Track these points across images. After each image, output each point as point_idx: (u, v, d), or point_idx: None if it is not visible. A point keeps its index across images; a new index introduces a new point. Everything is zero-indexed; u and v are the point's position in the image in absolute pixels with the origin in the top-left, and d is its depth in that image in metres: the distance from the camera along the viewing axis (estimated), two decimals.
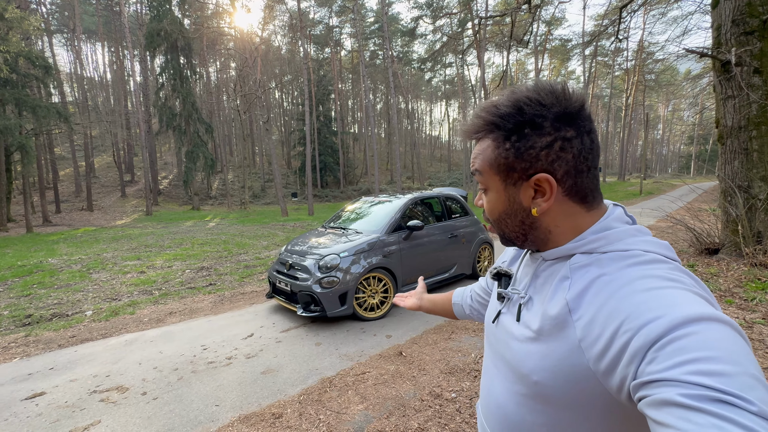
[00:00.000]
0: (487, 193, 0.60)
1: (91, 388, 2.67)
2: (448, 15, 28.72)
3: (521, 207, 0.57)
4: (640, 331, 0.40)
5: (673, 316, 0.39)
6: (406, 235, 4.34)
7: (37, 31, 16.24)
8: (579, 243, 0.54)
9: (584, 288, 0.50)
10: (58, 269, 7.89)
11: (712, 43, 5.45)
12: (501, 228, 0.60)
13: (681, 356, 0.36)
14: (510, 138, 0.55)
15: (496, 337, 0.65)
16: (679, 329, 0.38)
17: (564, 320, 0.50)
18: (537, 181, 0.55)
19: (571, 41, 37.19)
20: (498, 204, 0.59)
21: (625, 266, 0.49)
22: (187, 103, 25.42)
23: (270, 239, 11.16)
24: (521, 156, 0.55)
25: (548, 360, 0.51)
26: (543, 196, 0.55)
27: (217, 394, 2.53)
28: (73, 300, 5.54)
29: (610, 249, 0.52)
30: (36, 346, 3.53)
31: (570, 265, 0.54)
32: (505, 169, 0.56)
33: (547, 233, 0.57)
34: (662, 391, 0.36)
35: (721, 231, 5.57)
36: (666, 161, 70.86)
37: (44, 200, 20.47)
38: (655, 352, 0.38)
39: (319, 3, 34.32)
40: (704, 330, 0.37)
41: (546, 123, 0.53)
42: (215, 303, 4.84)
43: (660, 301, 0.41)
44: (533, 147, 0.54)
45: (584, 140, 0.54)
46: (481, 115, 0.57)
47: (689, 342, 0.37)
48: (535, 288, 0.59)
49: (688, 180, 32.09)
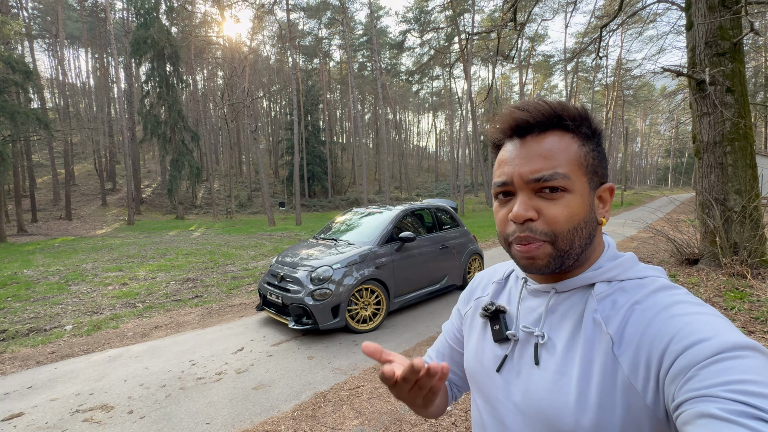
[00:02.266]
0: (560, 199, 0.50)
1: (73, 407, 2.55)
2: (435, 29, 29.39)
3: (593, 216, 0.52)
4: (688, 351, 0.40)
5: (722, 339, 0.39)
6: (399, 246, 4.35)
7: (18, 35, 15.87)
8: (598, 272, 0.52)
9: (623, 318, 0.47)
10: (35, 281, 7.59)
11: (687, 63, 5.74)
12: (572, 240, 0.50)
13: (725, 376, 0.36)
14: (592, 139, 0.53)
15: (505, 388, 0.56)
16: (726, 353, 0.38)
17: (609, 358, 0.46)
18: (604, 190, 0.54)
19: (553, 57, 38.54)
20: (581, 210, 0.50)
21: (650, 293, 0.48)
22: (173, 111, 25.09)
23: (257, 249, 11.00)
24: (602, 161, 0.53)
25: (602, 411, 0.45)
26: (605, 206, 0.54)
27: (208, 412, 2.46)
28: (51, 314, 5.32)
29: (627, 277, 0.51)
30: (12, 364, 3.37)
31: (596, 296, 0.50)
32: (592, 170, 0.52)
33: (592, 251, 0.54)
34: (701, 405, 0.36)
35: (700, 242, 5.78)
36: (645, 173, 73.38)
37: (20, 209, 19.70)
38: (698, 371, 0.38)
39: (308, 15, 34.66)
40: (750, 356, 0.37)
41: (602, 139, 0.54)
42: (203, 316, 4.72)
43: (705, 326, 0.41)
44: (604, 157, 0.54)
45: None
46: (555, 107, 0.51)
47: (734, 364, 0.37)
48: (552, 325, 0.53)
49: (666, 191, 33.25)
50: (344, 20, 24.53)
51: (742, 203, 5.01)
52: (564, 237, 0.50)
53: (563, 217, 0.50)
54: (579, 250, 0.51)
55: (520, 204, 0.50)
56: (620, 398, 0.44)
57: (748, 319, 3.58)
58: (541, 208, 0.50)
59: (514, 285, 0.63)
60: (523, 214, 0.50)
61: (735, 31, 5.16)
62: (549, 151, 0.50)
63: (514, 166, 0.51)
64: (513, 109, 0.53)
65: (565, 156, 0.50)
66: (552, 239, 0.50)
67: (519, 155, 0.51)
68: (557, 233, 0.50)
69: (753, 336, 3.23)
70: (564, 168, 0.50)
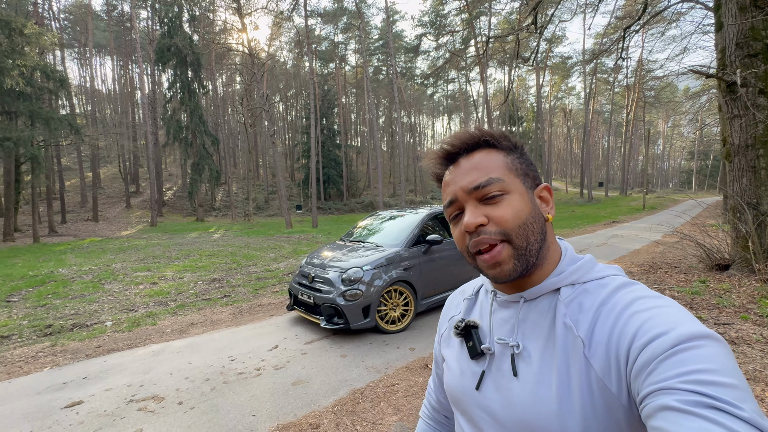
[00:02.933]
0: (502, 201, 0.54)
1: (127, 397, 2.72)
2: (451, 33, 29.43)
3: (539, 213, 0.56)
4: (648, 346, 0.42)
5: (678, 331, 0.41)
6: (426, 249, 4.42)
7: (52, 46, 16.68)
8: (561, 276, 0.55)
9: (592, 321, 0.49)
10: (70, 279, 7.94)
11: (717, 65, 5.64)
12: (526, 236, 0.53)
13: (680, 368, 0.38)
14: (514, 151, 0.59)
15: (487, 405, 0.56)
16: (683, 344, 0.40)
17: (582, 362, 0.48)
18: (541, 190, 0.59)
19: (571, 58, 38.01)
20: (524, 207, 0.54)
21: (611, 292, 0.50)
22: (194, 116, 25.86)
23: (277, 251, 11.21)
24: (531, 166, 0.59)
25: (582, 418, 0.46)
26: (547, 204, 0.59)
27: (252, 405, 2.58)
28: (90, 310, 5.58)
29: (589, 278, 0.54)
30: (64, 356, 3.58)
31: (563, 301, 0.53)
32: (523, 173, 0.57)
33: (547, 250, 0.57)
34: (660, 398, 0.38)
35: (731, 247, 5.64)
36: (667, 176, 71.28)
37: (51, 210, 20.62)
38: (658, 364, 0.40)
39: (325, 20, 35.22)
40: (704, 345, 0.39)
41: (525, 151, 0.60)
42: (234, 314, 4.89)
43: (664, 319, 0.43)
44: (531, 163, 0.60)
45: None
46: (474, 131, 0.58)
47: (690, 355, 0.39)
48: (525, 334, 0.54)
49: (690, 195, 32.24)
50: (360, 25, 24.86)
51: None
52: (517, 234, 0.53)
53: (510, 215, 0.53)
54: (536, 245, 0.54)
55: (468, 213, 0.54)
56: (599, 400, 0.45)
57: None
58: (489, 212, 0.54)
59: (485, 299, 0.64)
60: (474, 221, 0.53)
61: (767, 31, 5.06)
62: (479, 163, 0.56)
63: (454, 185, 0.57)
64: (441, 144, 0.60)
65: (495, 164, 0.56)
66: (507, 238, 0.53)
67: (456, 174, 0.57)
68: (509, 231, 0.53)
69: None
70: (496, 173, 0.55)
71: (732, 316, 3.90)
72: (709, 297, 4.55)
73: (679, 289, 4.99)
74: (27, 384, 3.00)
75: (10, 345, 4.07)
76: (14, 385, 2.98)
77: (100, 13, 34.79)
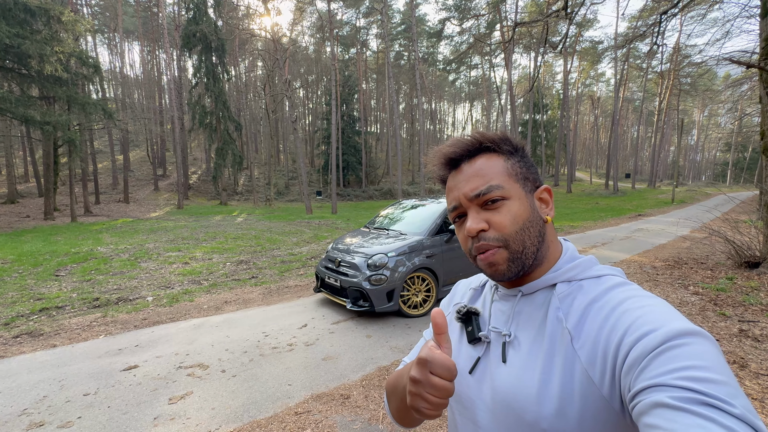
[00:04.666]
0: (502, 207, 0.57)
1: (176, 364, 3.02)
2: (475, 17, 28.62)
3: (537, 216, 0.59)
4: (639, 342, 0.42)
5: (669, 328, 0.42)
6: (448, 238, 4.55)
7: (87, 32, 17.29)
8: (558, 273, 0.57)
9: (582, 314, 0.51)
10: (109, 258, 8.47)
11: (759, 53, 5.39)
12: (523, 241, 0.56)
13: (673, 363, 0.39)
14: (515, 154, 0.61)
15: (477, 389, 0.59)
16: (673, 340, 0.41)
17: (569, 352, 0.50)
18: (541, 192, 0.61)
19: (602, 43, 36.35)
20: (523, 211, 0.57)
21: (606, 290, 0.53)
22: (218, 101, 26.37)
23: (299, 236, 11.53)
24: (531, 169, 0.61)
25: (561, 402, 0.48)
26: (547, 206, 0.62)
27: (287, 375, 2.82)
28: (131, 286, 6.01)
29: (585, 276, 0.56)
30: (115, 326, 3.95)
31: (558, 295, 0.55)
32: (523, 177, 0.59)
33: (546, 250, 0.59)
34: (654, 395, 0.38)
35: (762, 244, 5.50)
36: (699, 169, 67.97)
37: (86, 191, 21.72)
38: (650, 360, 0.40)
39: (347, 4, 34.82)
40: (694, 342, 0.40)
41: (525, 152, 0.63)
42: (264, 295, 5.19)
43: (655, 316, 0.44)
44: (532, 165, 0.62)
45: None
46: (476, 137, 0.61)
47: (681, 351, 0.39)
48: (519, 325, 0.58)
49: (724, 188, 30.76)
50: (383, 9, 24.47)
51: None
52: (514, 239, 0.56)
53: (508, 221, 0.56)
54: (533, 248, 0.57)
55: (470, 219, 0.57)
56: (578, 389, 0.47)
57: None
58: (489, 218, 0.57)
59: (489, 291, 0.67)
60: (475, 227, 0.56)
61: None
62: (481, 170, 0.58)
63: (457, 191, 0.60)
64: (442, 148, 0.62)
65: (495, 170, 0.58)
66: (504, 243, 0.56)
67: (459, 180, 0.60)
68: (507, 237, 0.56)
69: None
70: (496, 180, 0.57)
71: (758, 314, 3.87)
72: (735, 294, 4.50)
73: (704, 285, 4.94)
74: (88, 349, 3.36)
75: (65, 315, 4.49)
76: (77, 349, 3.35)
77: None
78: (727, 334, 3.45)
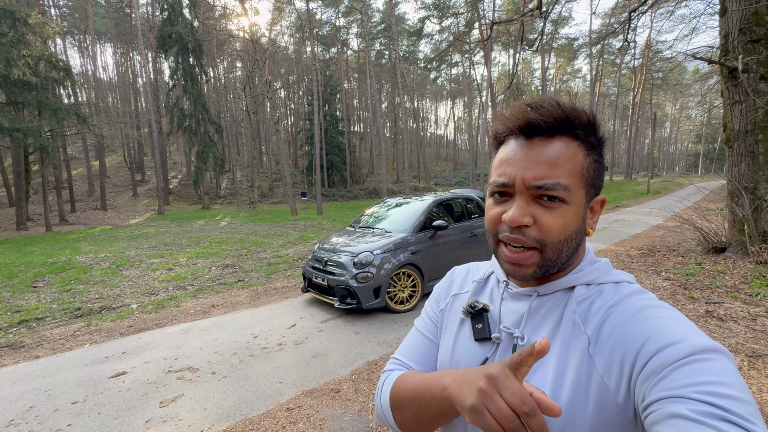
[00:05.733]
0: (558, 210, 0.50)
1: (165, 368, 3.03)
2: (454, 15, 28.93)
3: (584, 227, 0.54)
4: (660, 352, 0.41)
5: (692, 342, 0.41)
6: (432, 234, 4.66)
7: (57, 34, 16.70)
8: (578, 275, 0.54)
9: (600, 320, 0.49)
10: (89, 266, 8.26)
11: (719, 50, 5.70)
12: (561, 250, 0.51)
13: (695, 377, 0.38)
14: (596, 150, 0.53)
15: None
16: (696, 355, 0.40)
17: (584, 358, 0.48)
18: (596, 202, 0.55)
19: (577, 40, 37.30)
20: (575, 222, 0.51)
21: (625, 296, 0.51)
22: (197, 104, 25.85)
23: (284, 238, 11.48)
24: (601, 173, 0.54)
25: (573, 408, 0.47)
26: (594, 216, 0.56)
27: (278, 374, 2.87)
28: (113, 294, 5.90)
29: (604, 280, 0.54)
30: (100, 334, 3.90)
31: (575, 298, 0.53)
32: (591, 182, 0.53)
33: (575, 258, 0.55)
34: (671, 406, 0.37)
35: (728, 230, 5.82)
36: (673, 160, 70.58)
37: (60, 200, 20.99)
38: (671, 371, 0.39)
39: (326, 4, 34.63)
40: (717, 359, 0.39)
41: (604, 148, 0.55)
42: (252, 297, 5.19)
43: (676, 329, 0.43)
44: (603, 168, 0.55)
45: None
46: (568, 111, 0.50)
47: (703, 367, 0.38)
48: (533, 326, 0.54)
49: (696, 179, 32.08)
50: (362, 8, 24.48)
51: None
52: (554, 247, 0.51)
53: (557, 228, 0.50)
54: (565, 258, 0.52)
55: (517, 208, 0.50)
56: (593, 396, 0.46)
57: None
58: (537, 215, 0.50)
59: (496, 287, 0.63)
60: (519, 220, 0.50)
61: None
62: (555, 158, 0.49)
63: (517, 169, 0.51)
64: (525, 108, 0.51)
65: (570, 166, 0.50)
66: (542, 247, 0.50)
67: (524, 158, 0.51)
68: (547, 242, 0.50)
69: None
70: (566, 179, 0.49)
71: (723, 296, 4.13)
72: (703, 278, 4.77)
73: (676, 271, 5.21)
74: (73, 358, 3.32)
75: (46, 326, 4.40)
76: (62, 359, 3.31)
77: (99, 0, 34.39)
78: (695, 315, 3.67)
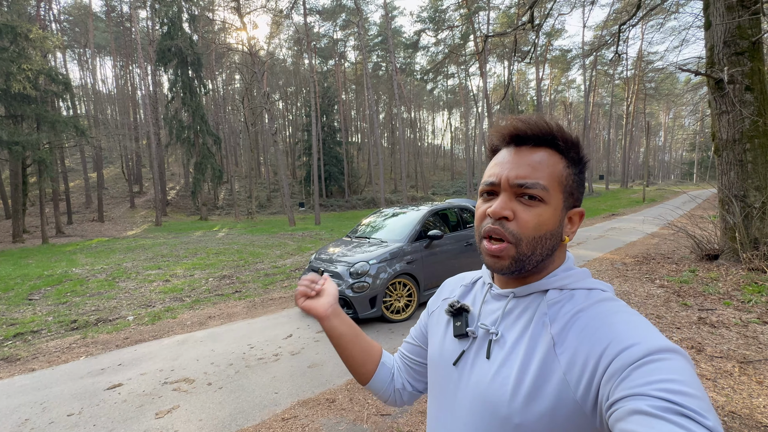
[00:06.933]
0: (535, 207, 0.56)
1: (161, 380, 3.03)
2: (450, 28, 29.49)
3: (559, 232, 0.58)
4: (622, 354, 0.45)
5: (650, 343, 0.45)
6: (427, 243, 4.70)
7: (57, 48, 16.91)
8: (552, 279, 0.59)
9: (567, 322, 0.53)
10: (85, 278, 8.23)
11: (705, 62, 5.87)
12: (534, 247, 0.56)
13: (653, 376, 0.41)
14: (577, 165, 0.59)
15: (458, 380, 0.62)
16: (654, 354, 0.43)
17: (549, 355, 0.52)
18: (575, 213, 0.60)
19: (570, 51, 38.00)
20: (550, 222, 0.56)
21: (594, 303, 0.55)
22: (196, 115, 26.06)
23: (282, 248, 11.48)
24: (580, 187, 0.60)
25: (532, 399, 0.51)
26: (572, 227, 0.61)
27: (274, 384, 2.88)
28: (110, 307, 5.89)
29: (577, 286, 0.58)
30: (96, 347, 3.89)
31: (547, 301, 0.57)
32: (569, 191, 0.58)
33: (550, 263, 0.60)
34: (632, 402, 0.40)
35: (720, 238, 5.90)
36: (668, 168, 71.25)
37: (57, 212, 20.95)
38: (632, 371, 0.43)
39: (324, 17, 35.26)
40: (672, 359, 0.43)
41: (585, 168, 0.62)
42: (248, 308, 5.19)
43: (637, 332, 0.47)
44: (582, 184, 0.61)
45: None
46: (553, 129, 0.57)
47: (661, 366, 0.42)
48: (507, 325, 0.59)
49: (690, 187, 32.39)
50: (359, 22, 24.94)
51: (762, 199, 5.14)
52: (528, 242, 0.55)
53: (533, 224, 0.55)
54: (539, 257, 0.57)
55: (500, 202, 0.57)
56: (552, 390, 0.50)
57: (764, 311, 3.78)
58: (517, 210, 0.56)
59: (480, 290, 0.69)
60: (500, 212, 0.56)
61: (754, 30, 5.28)
62: (537, 163, 0.56)
63: (504, 169, 0.57)
64: (515, 120, 0.59)
65: (550, 171, 0.56)
66: (517, 241, 0.55)
67: (511, 161, 0.58)
68: (523, 237, 0.55)
69: None
70: (545, 181, 0.55)
71: (715, 303, 4.17)
72: (696, 285, 4.82)
73: (670, 278, 5.26)
74: (69, 370, 3.32)
75: (42, 338, 4.38)
76: (57, 372, 3.30)
77: (99, 14, 34.91)
78: (688, 322, 3.71)
